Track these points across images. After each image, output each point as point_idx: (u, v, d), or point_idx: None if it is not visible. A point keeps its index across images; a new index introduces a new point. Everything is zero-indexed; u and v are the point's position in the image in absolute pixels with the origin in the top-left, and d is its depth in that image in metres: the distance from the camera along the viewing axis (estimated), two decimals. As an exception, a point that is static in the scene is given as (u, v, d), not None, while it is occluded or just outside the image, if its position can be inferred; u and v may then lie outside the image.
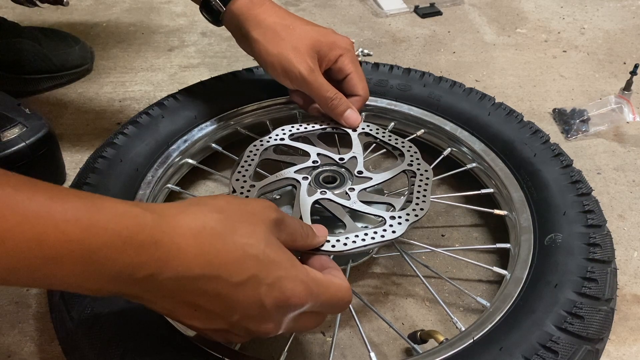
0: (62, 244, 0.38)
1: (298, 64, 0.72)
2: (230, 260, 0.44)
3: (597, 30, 1.25)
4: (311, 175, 0.69)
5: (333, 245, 0.58)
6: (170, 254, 0.42)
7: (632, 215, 0.82)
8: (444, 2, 1.33)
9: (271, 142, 0.74)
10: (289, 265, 0.47)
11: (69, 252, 0.38)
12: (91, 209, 0.40)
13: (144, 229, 0.41)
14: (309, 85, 0.73)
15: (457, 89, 0.86)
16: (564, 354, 0.54)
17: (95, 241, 0.39)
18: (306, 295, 0.47)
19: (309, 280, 0.48)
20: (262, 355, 0.64)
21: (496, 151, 0.77)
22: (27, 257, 0.38)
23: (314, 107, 0.79)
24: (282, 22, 0.74)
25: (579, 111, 0.97)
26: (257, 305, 0.46)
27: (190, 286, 0.44)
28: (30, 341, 0.66)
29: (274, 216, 0.49)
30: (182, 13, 1.29)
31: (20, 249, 0.37)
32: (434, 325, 0.69)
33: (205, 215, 0.45)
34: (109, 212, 0.41)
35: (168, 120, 0.80)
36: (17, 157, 0.77)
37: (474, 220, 0.82)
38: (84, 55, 1.08)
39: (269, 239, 0.47)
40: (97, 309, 0.57)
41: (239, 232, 0.46)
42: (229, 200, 0.49)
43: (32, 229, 0.37)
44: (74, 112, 1.00)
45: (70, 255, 0.39)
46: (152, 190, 0.72)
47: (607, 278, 0.60)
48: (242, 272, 0.45)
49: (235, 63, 1.13)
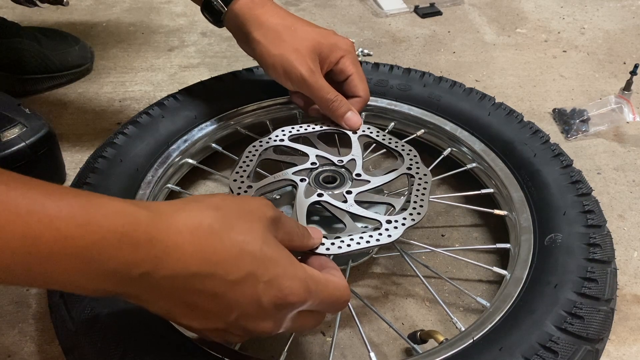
0: (57, 241, 0.38)
1: (299, 65, 0.72)
2: (227, 257, 0.44)
3: (597, 30, 1.25)
4: (309, 177, 0.69)
5: (328, 248, 0.58)
6: (166, 251, 0.42)
7: (632, 215, 0.82)
8: (444, 2, 1.33)
9: (270, 143, 0.74)
10: (287, 263, 0.47)
11: (63, 250, 0.38)
12: (86, 206, 0.40)
13: (140, 226, 0.41)
14: (309, 86, 0.73)
15: (457, 89, 0.86)
16: (564, 354, 0.54)
17: (90, 238, 0.39)
18: (304, 294, 0.47)
19: (307, 278, 0.48)
20: (262, 355, 0.64)
21: (496, 151, 0.77)
22: (21, 255, 0.37)
23: (314, 109, 0.78)
24: (283, 23, 0.74)
25: (579, 111, 0.97)
26: (254, 303, 0.45)
27: (187, 284, 0.43)
28: (30, 341, 0.66)
29: (271, 214, 0.49)
30: (182, 13, 1.29)
31: (14, 246, 0.37)
32: (434, 325, 0.69)
33: (202, 213, 0.45)
34: (104, 210, 0.40)
35: (168, 120, 0.80)
36: (17, 157, 0.77)
37: (474, 220, 0.82)
38: (84, 55, 1.08)
39: (266, 237, 0.47)
40: (97, 309, 0.57)
41: (236, 230, 0.45)
42: (226, 198, 0.49)
43: (26, 226, 0.37)
44: (74, 112, 1.00)
45: (64, 253, 0.38)
46: (152, 190, 0.72)
47: (607, 278, 0.60)
48: (239, 270, 0.44)
49: (235, 63, 1.13)
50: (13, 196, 0.38)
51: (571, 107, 0.99)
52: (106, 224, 0.40)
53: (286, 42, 0.73)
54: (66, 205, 0.39)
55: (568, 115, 0.98)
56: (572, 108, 0.99)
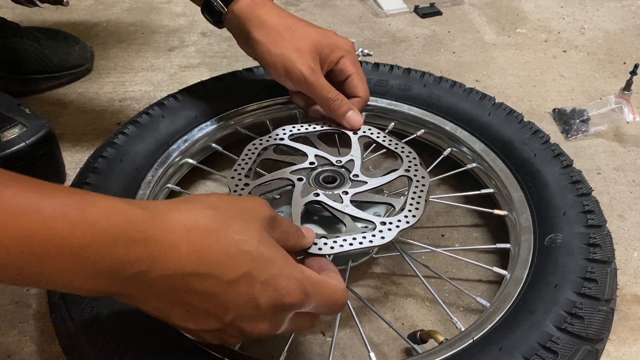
0: (51, 240, 0.38)
1: (300, 64, 0.72)
2: (223, 257, 0.44)
3: (597, 30, 1.25)
4: (306, 177, 0.69)
5: (320, 248, 0.58)
6: (161, 250, 0.41)
7: (632, 215, 0.82)
8: (444, 2, 1.33)
9: (270, 142, 0.74)
10: (284, 263, 0.47)
11: (57, 249, 0.38)
12: (80, 205, 0.39)
13: (134, 225, 0.41)
14: (310, 86, 0.73)
15: (457, 89, 0.86)
16: (564, 354, 0.54)
17: (84, 237, 0.39)
18: (301, 295, 0.47)
19: (304, 280, 0.47)
20: (262, 355, 0.64)
21: (496, 151, 0.77)
22: (15, 254, 0.37)
23: (314, 109, 0.78)
24: (284, 23, 0.74)
25: (579, 111, 0.97)
26: (251, 303, 0.45)
27: (182, 284, 0.43)
28: (30, 341, 0.66)
29: (267, 213, 0.49)
30: (182, 13, 1.29)
31: (7, 245, 0.37)
32: (434, 325, 0.69)
33: (198, 212, 0.45)
34: (98, 209, 0.40)
35: (168, 120, 0.80)
36: (17, 157, 0.77)
37: (474, 220, 0.82)
38: (84, 55, 1.08)
39: (262, 236, 0.46)
40: (97, 309, 0.57)
41: (232, 229, 0.45)
42: (222, 197, 0.48)
43: (20, 224, 0.37)
44: (74, 112, 1.00)
45: (58, 252, 0.38)
46: (152, 190, 0.72)
47: (607, 278, 0.60)
48: (235, 270, 0.44)
49: (235, 63, 1.13)
50: (7, 195, 0.37)
51: (571, 107, 0.99)
52: (100, 223, 0.39)
53: (287, 41, 0.73)
54: (60, 204, 0.39)
55: (568, 115, 0.98)
56: (572, 108, 0.99)
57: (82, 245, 0.39)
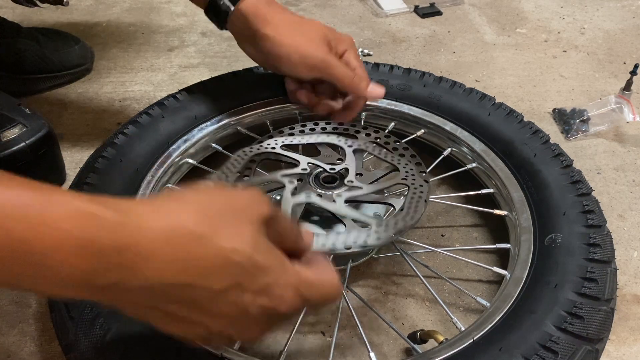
0: (7, 243, 0.34)
1: (316, 50, 0.74)
2: (210, 267, 0.39)
3: (597, 30, 1.25)
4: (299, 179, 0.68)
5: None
6: (136, 260, 0.37)
7: (632, 215, 0.82)
8: (444, 2, 1.33)
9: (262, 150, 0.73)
10: (280, 271, 0.43)
11: (14, 253, 0.34)
12: (44, 204, 0.35)
13: (104, 231, 0.36)
14: (331, 67, 0.74)
15: (457, 89, 0.86)
16: (564, 354, 0.54)
17: (45, 243, 0.34)
18: (297, 302, 0.44)
19: (300, 284, 0.44)
20: (262, 355, 0.64)
21: (496, 151, 0.77)
22: None
23: (321, 104, 0.79)
24: (291, 18, 0.77)
25: (579, 111, 0.97)
26: (240, 313, 0.41)
27: (164, 294, 0.39)
28: (30, 341, 0.66)
29: (264, 212, 0.43)
30: (182, 13, 1.29)
31: None
32: (434, 325, 0.69)
33: (181, 215, 0.39)
34: (62, 209, 0.35)
35: (168, 120, 0.80)
36: (17, 157, 0.77)
37: (474, 220, 0.82)
38: (84, 55, 1.08)
39: (257, 242, 0.41)
40: (97, 309, 0.57)
41: (221, 235, 0.40)
42: (212, 194, 0.43)
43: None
44: (74, 112, 1.00)
45: (15, 256, 0.34)
46: (152, 190, 0.72)
47: (607, 278, 0.60)
48: (222, 281, 0.40)
49: (235, 63, 1.13)
50: None
51: (571, 107, 0.99)
52: (64, 227, 0.35)
53: (298, 32, 0.75)
54: (21, 204, 0.34)
55: (568, 115, 0.98)
56: (572, 108, 0.99)
57: (43, 251, 0.34)
